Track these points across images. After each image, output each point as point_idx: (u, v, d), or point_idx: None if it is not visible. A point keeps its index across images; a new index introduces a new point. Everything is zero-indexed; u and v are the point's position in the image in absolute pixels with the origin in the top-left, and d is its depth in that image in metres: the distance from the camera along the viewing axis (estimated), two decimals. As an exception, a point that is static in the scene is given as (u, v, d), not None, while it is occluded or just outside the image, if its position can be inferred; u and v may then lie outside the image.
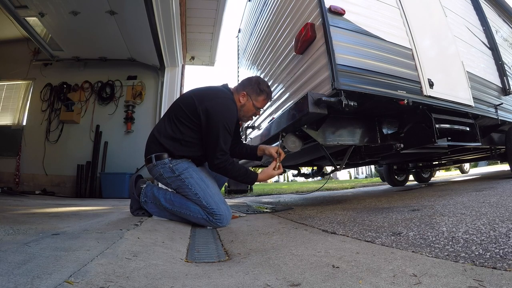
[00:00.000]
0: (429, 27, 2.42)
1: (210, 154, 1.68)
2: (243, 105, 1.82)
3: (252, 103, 1.82)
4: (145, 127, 4.94)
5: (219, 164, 1.66)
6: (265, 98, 1.85)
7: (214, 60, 6.94)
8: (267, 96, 1.86)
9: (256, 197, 5.39)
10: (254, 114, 1.90)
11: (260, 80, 1.87)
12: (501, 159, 3.78)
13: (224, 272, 0.83)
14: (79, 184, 4.68)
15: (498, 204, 1.53)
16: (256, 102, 1.83)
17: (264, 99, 1.85)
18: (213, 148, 1.64)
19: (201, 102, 1.66)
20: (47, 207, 2.32)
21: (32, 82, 5.39)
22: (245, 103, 1.82)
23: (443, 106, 2.15)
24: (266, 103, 1.91)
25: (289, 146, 2.08)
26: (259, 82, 1.84)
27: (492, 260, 0.75)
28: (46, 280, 0.61)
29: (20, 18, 4.27)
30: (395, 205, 2.08)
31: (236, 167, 1.72)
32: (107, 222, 1.44)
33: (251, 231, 1.56)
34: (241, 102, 1.81)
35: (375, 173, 17.21)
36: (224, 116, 1.64)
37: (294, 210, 2.46)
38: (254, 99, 1.82)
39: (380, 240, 1.11)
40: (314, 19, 1.97)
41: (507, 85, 3.00)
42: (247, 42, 4.01)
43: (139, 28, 4.22)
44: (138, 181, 1.83)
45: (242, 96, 1.81)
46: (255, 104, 1.83)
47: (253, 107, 1.84)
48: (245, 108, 1.83)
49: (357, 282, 0.68)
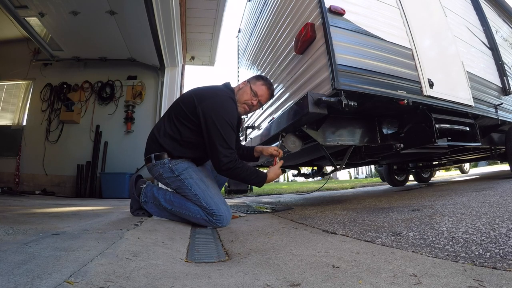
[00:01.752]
0: (429, 27, 2.42)
1: (215, 155, 1.57)
2: (241, 89, 1.81)
3: (250, 86, 1.80)
4: (145, 127, 4.94)
5: (228, 164, 1.56)
6: (263, 84, 1.82)
7: (214, 60, 6.94)
8: (266, 83, 1.82)
9: (256, 197, 5.39)
10: (249, 99, 1.78)
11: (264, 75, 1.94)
12: (501, 159, 3.78)
13: (224, 272, 0.83)
14: (79, 184, 4.68)
15: (498, 204, 1.53)
16: (254, 86, 1.80)
17: (262, 84, 1.81)
18: (217, 148, 1.55)
19: (201, 101, 1.63)
20: (47, 207, 2.32)
21: (32, 82, 5.39)
22: (243, 87, 1.82)
23: (443, 106, 2.15)
24: (264, 91, 1.82)
25: (289, 146, 2.08)
26: (261, 75, 1.91)
27: (492, 260, 0.75)
28: (46, 280, 0.61)
29: (20, 18, 4.27)
30: (395, 205, 2.07)
31: (245, 166, 1.64)
32: (107, 222, 1.44)
33: (251, 231, 1.56)
34: (239, 88, 1.82)
35: (375, 173, 17.21)
36: (224, 113, 1.59)
37: (294, 210, 2.46)
38: (253, 83, 1.81)
39: (380, 240, 1.11)
40: (314, 19, 1.97)
41: (507, 85, 3.00)
42: (247, 42, 4.01)
43: (139, 28, 4.22)
44: (138, 181, 1.83)
45: (243, 83, 1.85)
46: (253, 87, 1.79)
47: (250, 91, 1.79)
48: (241, 91, 1.80)
49: (357, 282, 0.68)
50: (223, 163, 1.57)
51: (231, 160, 1.57)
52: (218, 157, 1.57)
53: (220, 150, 1.56)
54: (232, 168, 1.58)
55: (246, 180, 1.68)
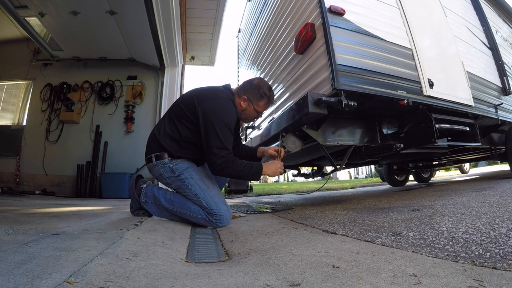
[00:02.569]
0: (429, 27, 2.42)
1: (210, 155, 1.59)
2: (244, 110, 1.80)
3: (253, 107, 1.79)
4: (145, 127, 4.94)
5: (222, 164, 1.58)
6: (266, 103, 1.82)
7: (214, 60, 6.95)
8: (269, 100, 1.83)
9: (256, 197, 5.39)
10: (255, 117, 1.88)
11: (262, 83, 1.80)
12: (501, 159, 3.78)
13: (224, 272, 0.83)
14: (79, 184, 4.68)
15: (498, 204, 1.53)
16: (257, 107, 1.80)
17: (265, 104, 1.82)
18: (213, 148, 1.57)
19: (201, 102, 1.64)
20: (47, 207, 2.32)
21: (32, 82, 5.39)
22: (246, 107, 1.79)
23: (443, 106, 2.15)
24: (268, 107, 1.88)
25: (289, 146, 2.08)
26: (259, 86, 1.78)
27: (492, 260, 0.75)
28: (46, 280, 0.61)
29: (20, 18, 4.27)
30: (395, 205, 2.07)
31: (239, 162, 1.64)
32: (107, 222, 1.44)
33: (251, 231, 1.56)
34: (242, 107, 1.78)
35: (375, 173, 17.21)
36: (223, 115, 1.61)
37: (294, 210, 2.46)
38: (255, 104, 1.79)
39: (380, 240, 1.11)
40: (314, 19, 1.97)
41: (507, 85, 3.00)
42: (247, 42, 4.01)
43: (139, 28, 4.22)
44: (138, 181, 1.83)
45: (243, 100, 1.77)
46: (256, 108, 1.80)
47: (254, 111, 1.81)
48: (246, 113, 1.81)
49: (357, 282, 0.68)
50: (218, 163, 1.58)
51: (225, 160, 1.59)
52: (213, 157, 1.58)
53: (216, 151, 1.57)
54: (225, 167, 1.59)
55: (241, 175, 1.66)
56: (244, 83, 1.84)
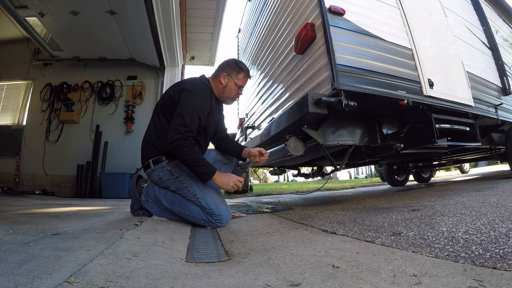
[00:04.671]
0: (429, 27, 2.42)
1: (171, 130, 1.57)
2: (225, 86, 1.85)
3: (234, 82, 1.85)
4: (145, 127, 4.79)
5: (179, 141, 1.53)
6: (245, 75, 1.90)
7: (214, 60, 6.95)
8: (247, 73, 1.92)
9: (256, 197, 5.39)
10: (237, 94, 1.92)
11: (236, 60, 1.93)
12: (501, 159, 3.78)
13: (224, 272, 0.83)
14: (79, 184, 4.68)
15: (498, 204, 1.53)
16: (237, 81, 1.86)
17: (244, 76, 1.89)
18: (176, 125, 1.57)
19: (175, 92, 1.72)
20: (47, 207, 2.32)
21: (32, 82, 5.39)
22: (227, 83, 1.85)
23: (443, 106, 2.15)
24: (246, 80, 1.95)
25: (292, 149, 2.08)
26: (236, 61, 1.90)
27: (492, 260, 0.75)
28: (46, 280, 0.61)
29: (20, 18, 4.27)
30: (395, 205, 2.07)
31: (195, 151, 1.57)
32: (107, 222, 1.44)
33: (251, 231, 1.56)
34: (222, 83, 1.84)
35: (375, 173, 17.21)
36: (196, 100, 1.66)
37: (294, 210, 2.46)
38: (235, 78, 1.86)
39: (380, 240, 1.11)
40: (314, 19, 1.97)
41: (507, 85, 3.00)
42: (247, 42, 4.01)
43: (139, 28, 4.22)
44: (139, 180, 1.84)
45: (223, 77, 1.84)
46: (237, 82, 1.86)
47: (235, 86, 1.87)
48: (228, 89, 1.86)
49: (357, 282, 0.68)
50: (175, 139, 1.54)
51: (183, 138, 1.55)
52: (173, 132, 1.56)
53: (178, 128, 1.56)
54: (180, 146, 1.54)
55: (190, 165, 1.58)
56: (219, 65, 1.93)
